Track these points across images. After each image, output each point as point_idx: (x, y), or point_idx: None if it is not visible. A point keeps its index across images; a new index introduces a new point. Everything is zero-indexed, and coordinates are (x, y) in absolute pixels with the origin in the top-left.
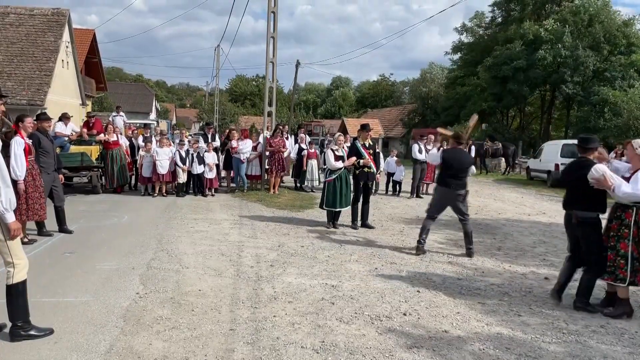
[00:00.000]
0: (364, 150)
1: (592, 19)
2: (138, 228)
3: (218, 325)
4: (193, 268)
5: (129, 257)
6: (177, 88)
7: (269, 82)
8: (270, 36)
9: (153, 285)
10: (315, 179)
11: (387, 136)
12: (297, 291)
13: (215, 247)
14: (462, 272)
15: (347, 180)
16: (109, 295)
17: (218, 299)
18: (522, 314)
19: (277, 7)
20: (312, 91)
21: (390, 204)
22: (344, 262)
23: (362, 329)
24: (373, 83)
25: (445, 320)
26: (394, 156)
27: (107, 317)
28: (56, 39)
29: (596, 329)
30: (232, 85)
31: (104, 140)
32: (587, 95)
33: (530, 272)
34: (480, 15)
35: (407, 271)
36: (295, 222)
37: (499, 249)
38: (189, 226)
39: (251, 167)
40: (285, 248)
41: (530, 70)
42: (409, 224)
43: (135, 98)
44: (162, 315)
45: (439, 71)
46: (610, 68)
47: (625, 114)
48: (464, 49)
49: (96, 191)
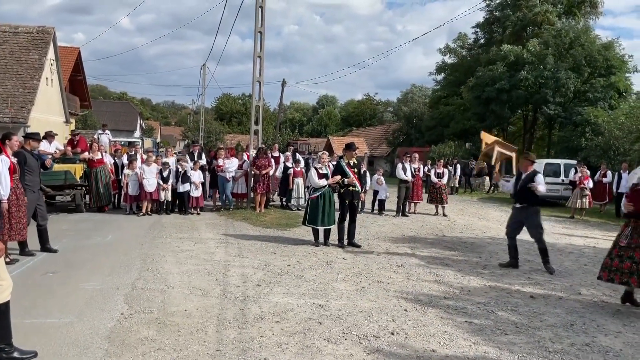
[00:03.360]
0: (349, 169)
1: (573, 42)
2: (122, 247)
3: (204, 346)
4: (179, 288)
5: (113, 277)
6: (162, 106)
7: (256, 101)
8: (257, 55)
9: (138, 306)
10: (301, 197)
11: (372, 155)
12: (284, 311)
13: (201, 266)
14: (449, 291)
15: (330, 198)
16: (93, 316)
17: (204, 319)
18: (508, 332)
19: (264, 27)
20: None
21: (377, 222)
22: (331, 281)
23: (350, 349)
24: (358, 102)
25: (432, 339)
26: (380, 175)
27: (91, 339)
28: (41, 56)
29: (581, 347)
30: (218, 104)
31: (89, 158)
32: (569, 115)
33: (515, 291)
34: (463, 36)
35: (394, 290)
36: (282, 240)
37: (484, 268)
38: (174, 245)
39: (237, 185)
40: (271, 267)
41: (513, 91)
42: (395, 243)
43: (120, 116)
44: (147, 336)
45: (419, 92)
46: (591, 89)
47: (606, 134)
48: (447, 70)
49: (80, 210)
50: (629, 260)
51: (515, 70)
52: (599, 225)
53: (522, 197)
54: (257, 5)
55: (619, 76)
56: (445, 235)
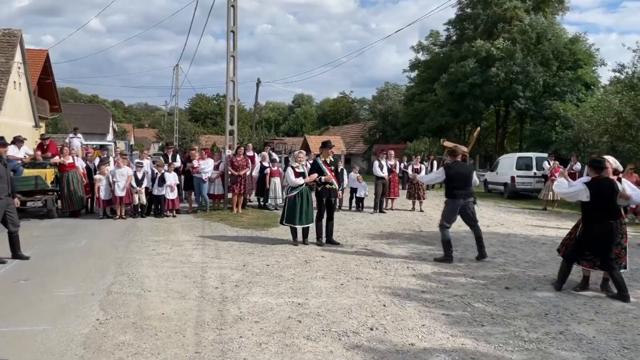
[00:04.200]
0: (326, 167)
1: (540, 36)
2: (97, 252)
3: (183, 349)
4: (155, 291)
5: (88, 283)
6: (135, 108)
7: (230, 101)
8: (230, 55)
9: (114, 311)
10: (278, 196)
11: (349, 153)
12: (264, 310)
13: (177, 269)
14: (426, 285)
15: (308, 197)
16: (68, 323)
17: (182, 322)
18: (485, 324)
19: (236, 27)
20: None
21: (355, 219)
22: (310, 279)
23: (330, 346)
24: (334, 101)
25: (411, 333)
26: (356, 172)
27: (66, 346)
28: (7, 59)
29: (556, 336)
30: (192, 105)
31: (59, 162)
32: (539, 109)
33: (491, 283)
34: (436, 34)
35: (372, 286)
36: (260, 240)
37: (460, 261)
38: (150, 249)
39: (213, 186)
40: (250, 267)
41: (485, 86)
42: (373, 239)
43: (92, 119)
44: (124, 341)
45: (394, 89)
46: (559, 83)
47: (576, 127)
48: (420, 67)
49: (51, 215)
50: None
51: (487, 66)
52: (571, 216)
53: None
54: (229, 4)
55: (586, 69)
56: (422, 231)
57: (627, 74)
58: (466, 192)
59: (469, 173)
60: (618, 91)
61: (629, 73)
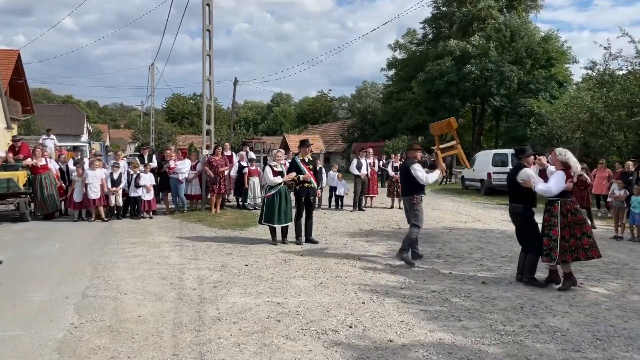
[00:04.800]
0: (304, 165)
1: (514, 34)
2: (71, 255)
3: (160, 352)
4: (132, 294)
5: (62, 286)
6: (110, 108)
7: (207, 100)
8: (206, 54)
9: (89, 314)
10: (257, 196)
11: (328, 151)
12: (242, 311)
13: (154, 271)
14: (405, 281)
15: (286, 196)
16: (42, 328)
17: (159, 324)
18: (462, 318)
19: (212, 25)
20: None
21: (334, 218)
22: (289, 278)
23: (309, 345)
24: (313, 99)
25: (389, 329)
26: (335, 171)
27: (40, 351)
28: None
29: (531, 328)
30: (169, 104)
31: (32, 164)
32: (514, 106)
33: (468, 278)
34: (412, 32)
35: (351, 284)
36: (239, 241)
37: (438, 257)
38: (126, 251)
39: (191, 186)
40: (228, 268)
41: (461, 84)
42: (352, 237)
43: (65, 120)
44: (99, 344)
45: (372, 88)
46: (533, 81)
47: (550, 124)
48: (398, 65)
49: (25, 219)
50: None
51: (463, 64)
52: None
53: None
54: (204, 3)
55: (559, 67)
56: (401, 228)
57: (598, 71)
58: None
59: (404, 172)
60: (590, 88)
61: (600, 70)
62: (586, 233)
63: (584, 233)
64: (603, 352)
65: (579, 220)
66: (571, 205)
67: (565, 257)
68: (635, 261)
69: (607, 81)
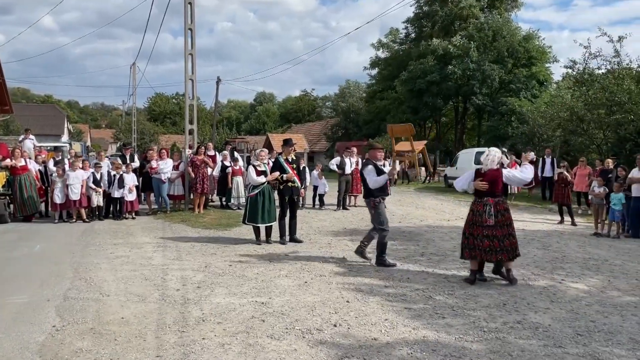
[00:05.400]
0: (287, 165)
1: (496, 34)
2: (52, 257)
3: (143, 353)
4: (114, 295)
5: (43, 289)
6: (91, 108)
7: (189, 100)
8: (188, 53)
9: (71, 317)
10: (241, 196)
11: (312, 150)
12: (226, 311)
13: (137, 272)
14: (389, 280)
15: (270, 195)
16: (22, 331)
17: (142, 326)
18: (445, 316)
19: (194, 24)
20: (236, 107)
21: (318, 217)
22: (274, 278)
23: (294, 344)
24: (296, 98)
25: (374, 328)
26: (319, 170)
27: (21, 354)
28: None
29: (513, 325)
30: (151, 104)
31: (11, 165)
32: (496, 105)
33: (451, 275)
34: (395, 31)
35: (336, 283)
36: (222, 241)
37: (422, 255)
38: (109, 252)
39: (174, 187)
40: (212, 268)
41: (443, 83)
42: (336, 236)
43: (45, 120)
44: (82, 347)
45: (356, 87)
46: (514, 80)
47: (531, 122)
48: (381, 64)
49: (3, 220)
50: (495, 239)
51: (445, 64)
52: (527, 208)
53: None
54: (186, 1)
55: (540, 66)
56: None
57: (578, 70)
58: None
59: (361, 173)
60: (570, 87)
61: (580, 69)
62: (488, 236)
63: (486, 236)
64: (584, 347)
65: (481, 221)
66: (477, 205)
67: (464, 253)
68: (615, 257)
69: (586, 80)
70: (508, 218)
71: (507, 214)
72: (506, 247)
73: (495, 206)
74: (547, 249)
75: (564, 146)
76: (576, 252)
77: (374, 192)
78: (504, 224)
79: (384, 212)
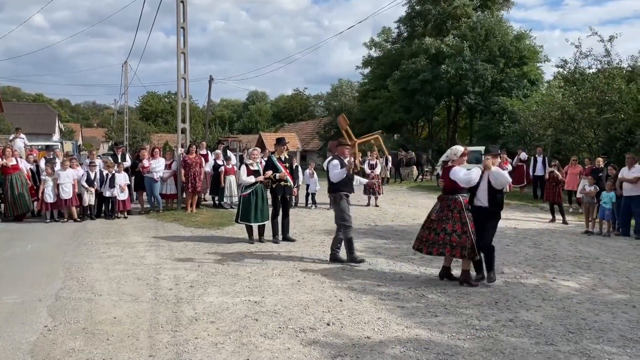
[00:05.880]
0: (280, 164)
1: (488, 33)
2: (44, 257)
3: (136, 353)
4: (107, 295)
5: (35, 289)
6: (82, 107)
7: (182, 99)
8: (180, 52)
9: (63, 317)
10: (234, 195)
11: (304, 149)
12: (219, 310)
13: (130, 271)
14: (382, 278)
15: (263, 194)
16: (14, 331)
17: (135, 326)
18: (438, 314)
19: (186, 23)
20: (228, 106)
21: (311, 215)
22: (267, 277)
23: (287, 343)
24: (289, 97)
25: (367, 326)
26: (311, 169)
27: (12, 355)
28: None
29: (505, 323)
30: (143, 103)
31: (2, 164)
32: (488, 104)
33: None
34: (387, 30)
35: (329, 281)
36: (215, 240)
37: (415, 254)
38: (101, 251)
39: (166, 186)
40: (205, 267)
41: (436, 82)
42: (329, 235)
43: (36, 119)
44: (74, 347)
45: (348, 86)
46: (506, 79)
47: (522, 121)
48: (373, 63)
49: None
50: (442, 232)
51: (437, 63)
52: (519, 207)
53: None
54: (179, 0)
55: (531, 66)
56: (377, 225)
57: (569, 69)
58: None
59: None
60: (561, 86)
61: (571, 68)
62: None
63: (444, 229)
64: (575, 345)
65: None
66: (442, 200)
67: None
68: (605, 255)
69: (577, 79)
70: (456, 215)
71: (455, 212)
72: (451, 242)
73: (441, 201)
74: (538, 247)
75: (555, 145)
76: (567, 250)
77: (339, 187)
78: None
79: (346, 208)
